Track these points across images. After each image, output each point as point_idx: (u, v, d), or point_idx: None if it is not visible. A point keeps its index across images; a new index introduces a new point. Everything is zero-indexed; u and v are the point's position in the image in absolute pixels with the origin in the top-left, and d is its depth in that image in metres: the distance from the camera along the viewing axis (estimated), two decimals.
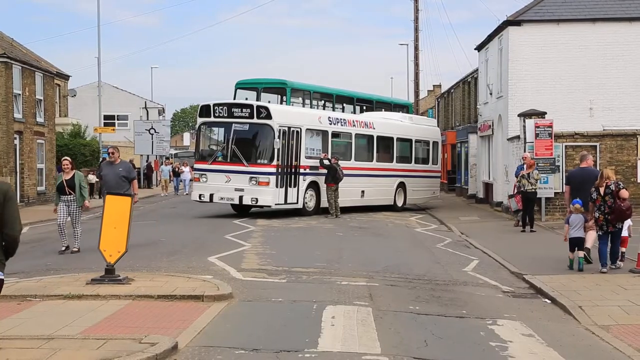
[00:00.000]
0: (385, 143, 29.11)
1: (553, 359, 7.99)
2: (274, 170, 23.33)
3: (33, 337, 8.06)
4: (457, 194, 40.74)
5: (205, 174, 24.22)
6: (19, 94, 31.29)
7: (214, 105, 24.33)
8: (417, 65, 45.72)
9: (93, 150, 41.23)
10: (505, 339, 8.67)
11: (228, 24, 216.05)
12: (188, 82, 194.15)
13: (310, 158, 24.89)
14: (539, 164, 21.89)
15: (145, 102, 64.79)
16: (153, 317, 9.35)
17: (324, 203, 25.19)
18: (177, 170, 45.35)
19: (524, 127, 23.30)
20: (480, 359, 7.97)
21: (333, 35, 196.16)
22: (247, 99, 26.55)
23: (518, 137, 24.61)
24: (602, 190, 13.21)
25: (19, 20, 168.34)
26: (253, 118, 23.52)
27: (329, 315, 9.50)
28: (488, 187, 32.02)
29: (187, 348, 7.83)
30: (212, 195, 23.83)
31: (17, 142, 30.92)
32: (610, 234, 13.26)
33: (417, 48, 45.26)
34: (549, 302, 11.23)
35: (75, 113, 47.26)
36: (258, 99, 27.28)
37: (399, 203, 29.50)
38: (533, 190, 20.32)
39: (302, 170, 24.53)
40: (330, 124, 26.16)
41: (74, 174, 15.74)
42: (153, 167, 52.14)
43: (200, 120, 25.04)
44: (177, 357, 7.54)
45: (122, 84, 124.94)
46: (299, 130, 24.43)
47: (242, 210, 24.83)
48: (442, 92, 54.14)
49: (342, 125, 26.87)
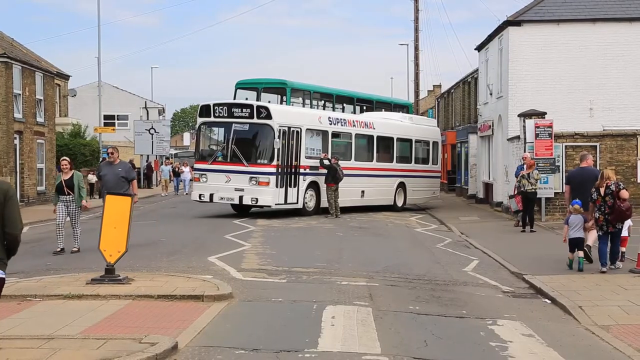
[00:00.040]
0: (385, 143, 29.11)
1: (553, 359, 8.00)
2: (274, 170, 23.33)
3: (33, 337, 8.06)
4: (457, 194, 40.74)
5: (205, 174, 24.22)
6: (19, 94, 31.31)
7: (214, 105, 24.32)
8: (417, 65, 45.75)
9: (93, 150, 41.24)
10: (505, 339, 8.67)
11: (228, 24, 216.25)
12: (188, 82, 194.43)
13: (310, 158, 24.89)
14: (539, 164, 21.89)
15: (146, 102, 64.82)
16: (153, 317, 9.35)
17: (324, 203, 25.20)
18: (177, 170, 45.39)
19: (524, 127, 23.31)
20: (480, 359, 7.98)
21: (333, 35, 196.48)
22: (247, 99, 26.54)
23: (518, 137, 24.61)
24: (602, 191, 13.21)
25: (19, 20, 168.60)
26: (253, 118, 23.52)
27: (329, 315, 9.50)
28: (488, 187, 32.02)
29: (187, 348, 7.83)
30: (212, 195, 23.83)
31: (17, 142, 30.93)
32: (610, 234, 13.29)
33: (417, 48, 45.27)
34: (549, 302, 11.23)
35: (75, 113, 47.27)
36: (258, 99, 27.27)
37: (399, 203, 29.50)
38: (533, 191, 20.32)
39: (302, 170, 24.53)
40: (331, 124, 26.16)
41: (73, 174, 15.74)
42: (153, 167, 52.15)
43: (200, 120, 25.04)
44: (177, 357, 7.54)
45: (122, 84, 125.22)
46: (299, 130, 24.43)
47: (242, 210, 24.84)
48: (442, 92, 54.13)
49: (342, 125, 26.87)
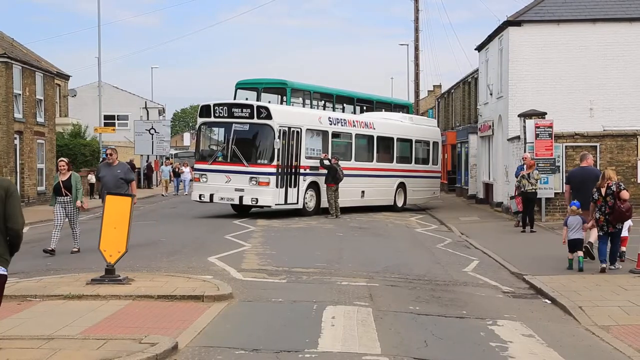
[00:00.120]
0: (386, 143, 29.10)
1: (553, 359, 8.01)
2: (274, 171, 23.32)
3: (33, 337, 8.05)
4: (457, 195, 40.73)
5: (206, 174, 24.22)
6: (19, 94, 31.32)
7: (214, 106, 24.32)
8: (417, 66, 45.74)
9: (93, 151, 41.23)
10: (506, 340, 8.67)
11: (228, 24, 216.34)
12: (188, 82, 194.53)
13: (311, 158, 24.89)
14: (539, 165, 21.88)
15: (146, 102, 64.82)
16: (153, 317, 9.35)
17: (324, 203, 25.20)
18: (177, 171, 45.40)
19: (524, 127, 23.30)
20: (480, 359, 7.97)
21: (333, 35, 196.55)
22: (247, 99, 26.53)
23: (518, 137, 24.61)
24: (603, 191, 13.22)
25: (19, 20, 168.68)
26: (253, 118, 23.52)
27: (329, 316, 9.50)
28: (488, 187, 32.02)
29: (187, 348, 7.83)
30: (212, 196, 23.83)
31: (17, 142, 30.94)
32: (610, 234, 13.31)
33: (417, 48, 45.27)
34: (549, 302, 11.23)
35: (76, 113, 47.27)
36: (258, 99, 27.27)
37: (399, 203, 29.50)
38: (533, 191, 20.31)
39: (302, 171, 24.53)
40: (331, 124, 26.16)
41: (71, 175, 15.73)
42: (153, 167, 52.15)
43: (201, 121, 25.04)
44: (177, 357, 7.54)
45: (122, 84, 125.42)
46: (299, 131, 24.43)
47: (242, 211, 24.84)
48: (442, 92, 54.13)
49: (342, 126, 26.87)
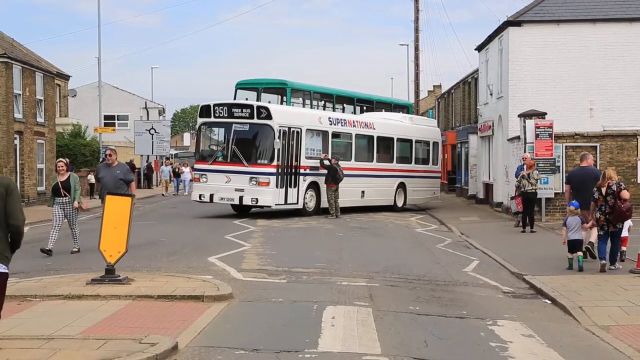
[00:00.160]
0: (386, 143, 29.10)
1: None
2: (274, 171, 23.32)
3: (33, 337, 8.05)
4: (457, 195, 40.73)
5: (206, 174, 24.22)
6: (19, 94, 31.32)
7: (214, 106, 24.32)
8: (417, 66, 45.72)
9: (93, 151, 41.26)
10: (506, 340, 8.67)
11: (228, 24, 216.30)
12: (188, 82, 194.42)
13: (311, 158, 24.88)
14: (539, 165, 21.89)
15: (146, 102, 64.81)
16: (153, 317, 9.35)
17: (324, 203, 25.20)
18: (177, 171, 45.41)
19: (524, 127, 23.30)
20: (481, 359, 7.98)
21: (333, 35, 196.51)
22: (247, 99, 26.52)
23: (518, 137, 24.61)
24: (603, 191, 13.22)
25: (19, 20, 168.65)
26: (253, 118, 23.52)
27: (329, 316, 9.50)
28: (488, 187, 32.02)
29: (187, 348, 7.83)
30: (212, 196, 23.83)
31: (17, 142, 30.94)
32: (611, 234, 13.32)
33: (417, 48, 45.26)
34: (549, 302, 11.23)
35: (76, 113, 47.29)
36: (258, 99, 27.26)
37: (399, 203, 29.50)
38: (533, 191, 20.32)
39: (302, 171, 24.53)
40: (331, 125, 26.16)
41: (69, 176, 15.73)
42: (153, 167, 52.16)
43: (201, 121, 25.04)
44: (177, 357, 7.54)
45: (122, 84, 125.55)
46: (299, 131, 24.43)
47: (242, 211, 24.84)
48: (442, 92, 54.12)
49: (342, 126, 26.87)
